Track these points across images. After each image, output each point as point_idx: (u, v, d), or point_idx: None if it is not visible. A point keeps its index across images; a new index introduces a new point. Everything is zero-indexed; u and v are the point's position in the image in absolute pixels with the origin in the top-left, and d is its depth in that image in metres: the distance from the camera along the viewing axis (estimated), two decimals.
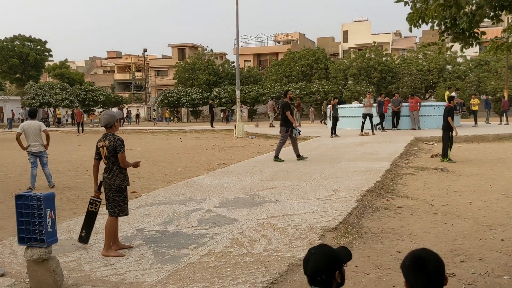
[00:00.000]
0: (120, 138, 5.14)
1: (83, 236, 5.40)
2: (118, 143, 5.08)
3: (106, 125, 5.25)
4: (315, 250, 2.42)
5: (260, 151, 16.26)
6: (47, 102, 42.06)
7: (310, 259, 2.37)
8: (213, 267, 4.65)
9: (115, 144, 5.09)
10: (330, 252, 2.42)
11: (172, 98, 48.13)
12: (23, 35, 51.75)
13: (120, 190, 5.14)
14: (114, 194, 5.14)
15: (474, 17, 3.94)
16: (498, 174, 10.26)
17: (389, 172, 10.24)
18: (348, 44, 59.98)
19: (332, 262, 2.37)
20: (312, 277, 2.34)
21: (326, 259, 2.37)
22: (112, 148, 5.10)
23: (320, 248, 2.45)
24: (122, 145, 5.11)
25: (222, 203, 7.47)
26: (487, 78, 40.60)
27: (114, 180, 5.11)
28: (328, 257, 2.38)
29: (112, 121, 5.25)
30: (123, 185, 5.15)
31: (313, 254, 2.38)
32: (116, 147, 5.08)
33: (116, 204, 5.14)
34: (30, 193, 4.18)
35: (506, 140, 17.53)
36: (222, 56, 65.92)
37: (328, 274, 2.33)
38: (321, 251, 2.41)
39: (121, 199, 5.15)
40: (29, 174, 11.90)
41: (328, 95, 39.58)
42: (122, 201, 5.16)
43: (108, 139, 5.13)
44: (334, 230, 5.89)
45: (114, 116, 5.31)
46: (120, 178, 5.13)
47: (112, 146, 5.10)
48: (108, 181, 5.15)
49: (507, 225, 6.27)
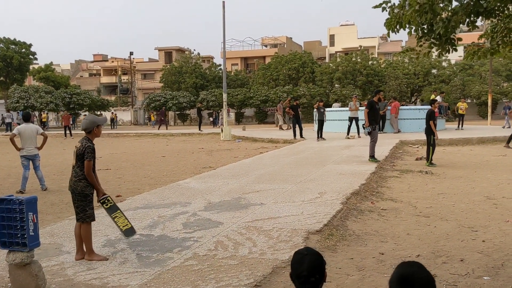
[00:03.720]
0: (90, 146, 5.03)
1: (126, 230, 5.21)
2: (87, 150, 4.99)
3: (85, 130, 5.17)
4: (306, 251, 2.48)
5: (246, 154, 16.27)
6: (32, 106, 41.59)
7: (305, 259, 2.42)
8: (197, 270, 4.65)
9: (84, 150, 5.01)
10: (319, 252, 2.51)
11: (159, 101, 47.97)
12: (7, 38, 51.09)
13: (84, 195, 5.04)
14: (78, 199, 5.06)
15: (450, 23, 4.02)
16: (481, 177, 10.41)
17: (374, 175, 10.32)
18: (335, 48, 60.42)
19: (323, 262, 2.47)
20: (308, 277, 2.38)
21: (319, 258, 2.46)
22: (81, 153, 5.02)
23: (310, 250, 2.53)
24: (90, 153, 5.00)
25: (208, 207, 7.47)
26: (471, 81, 41.18)
27: (77, 185, 5.03)
28: (320, 256, 2.48)
29: (92, 127, 5.15)
30: (86, 192, 5.04)
31: (307, 255, 2.44)
32: (84, 153, 5.01)
33: (81, 210, 5.05)
34: (12, 197, 4.14)
35: (489, 143, 17.79)
36: (209, 60, 65.88)
37: (320, 273, 2.40)
38: (312, 252, 2.48)
39: (85, 204, 5.04)
40: (12, 178, 11.82)
41: (315, 99, 39.80)
42: (87, 206, 5.05)
43: (81, 143, 5.07)
44: (319, 232, 5.93)
45: (95, 121, 5.19)
46: (83, 184, 5.03)
47: (80, 151, 5.02)
48: (72, 184, 5.07)
49: (488, 226, 6.37)
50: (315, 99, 39.29)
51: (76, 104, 46.40)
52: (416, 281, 2.04)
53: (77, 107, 46.84)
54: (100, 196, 5.17)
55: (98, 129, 5.21)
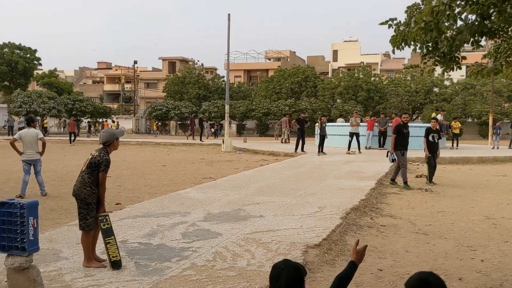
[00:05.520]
0: (108, 159, 5.10)
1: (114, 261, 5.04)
2: (104, 162, 5.06)
3: (105, 143, 5.23)
4: (283, 265, 2.46)
5: (247, 166, 16.28)
6: (34, 111, 41.71)
7: (282, 274, 2.41)
8: (195, 281, 4.64)
9: (100, 161, 5.06)
10: (297, 265, 2.49)
11: (161, 110, 48.10)
12: (12, 43, 51.47)
13: (86, 203, 5.04)
14: (80, 205, 5.07)
15: (454, 42, 4.07)
16: (481, 196, 10.41)
17: (374, 191, 10.33)
18: (338, 63, 60.69)
19: (301, 275, 2.45)
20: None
21: (297, 272, 2.44)
22: (95, 162, 5.07)
23: (287, 263, 2.50)
24: (106, 167, 5.08)
25: (207, 217, 7.46)
26: (472, 101, 41.32)
27: (81, 191, 5.04)
28: (298, 270, 2.46)
29: (112, 139, 5.24)
30: (88, 200, 5.05)
31: (284, 269, 2.43)
32: (100, 165, 5.06)
33: (81, 217, 5.06)
34: (13, 200, 4.15)
35: (489, 163, 17.80)
36: (213, 71, 66.23)
37: (300, 287, 2.40)
38: (290, 265, 2.46)
39: (86, 212, 5.04)
40: (12, 182, 11.82)
41: (316, 113, 39.91)
42: (88, 215, 5.04)
43: (98, 153, 5.11)
44: (317, 246, 5.92)
45: (114, 134, 5.29)
46: (87, 191, 5.04)
47: (96, 161, 5.06)
48: (76, 190, 5.08)
49: (487, 246, 6.36)
50: (316, 113, 39.48)
51: (79, 111, 46.53)
52: (433, 284, 2.25)
53: (80, 114, 46.96)
54: (100, 212, 5.14)
55: (117, 142, 5.32)
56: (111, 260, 4.99)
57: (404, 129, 11.58)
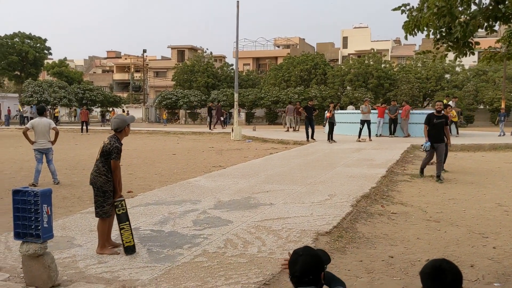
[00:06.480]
0: (118, 146, 5.13)
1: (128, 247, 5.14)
2: (115, 150, 5.11)
3: (116, 129, 5.28)
4: (302, 251, 2.49)
5: (256, 154, 16.30)
6: (45, 100, 41.99)
7: (298, 260, 2.45)
8: (206, 267, 4.69)
9: (111, 149, 5.11)
10: (316, 253, 2.52)
11: (170, 99, 48.17)
12: (23, 33, 51.68)
13: (103, 191, 5.11)
14: (96, 193, 5.14)
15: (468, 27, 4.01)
16: (493, 183, 10.33)
17: (384, 179, 10.29)
18: (348, 50, 60.25)
19: (319, 263, 2.48)
20: (301, 277, 2.41)
21: (314, 260, 2.47)
22: (107, 150, 5.12)
23: (306, 250, 2.54)
24: (117, 153, 5.11)
25: (217, 205, 7.50)
26: (484, 87, 40.79)
27: (97, 180, 5.11)
28: (315, 258, 2.48)
29: (123, 126, 5.28)
30: (104, 188, 5.11)
31: (301, 256, 2.46)
32: (111, 153, 5.11)
33: (98, 205, 5.13)
34: (27, 188, 4.21)
35: (501, 150, 17.63)
36: (221, 59, 66.02)
37: (315, 274, 2.42)
38: (308, 253, 2.49)
39: (103, 199, 5.11)
40: (25, 171, 11.96)
41: (326, 100, 39.71)
42: (105, 202, 5.11)
43: (109, 141, 5.16)
44: (328, 234, 5.93)
45: (125, 121, 5.33)
46: (103, 179, 5.10)
47: (107, 149, 5.12)
48: (93, 178, 5.16)
49: (499, 233, 6.32)
50: (326, 100, 39.27)
51: (89, 100, 46.77)
52: (448, 271, 2.27)
53: (90, 103, 47.21)
54: (116, 197, 5.20)
55: (128, 128, 5.36)
56: (125, 245, 5.06)
57: (435, 119, 10.71)
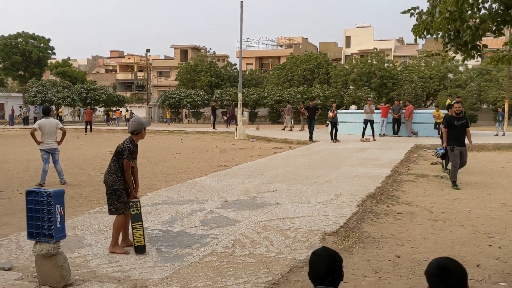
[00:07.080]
0: (130, 147, 5.23)
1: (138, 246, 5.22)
2: (127, 150, 5.21)
3: (133, 132, 5.37)
4: (323, 252, 2.56)
5: (261, 154, 16.35)
6: (49, 100, 42.12)
7: (322, 260, 2.50)
8: (216, 267, 4.74)
9: (124, 149, 5.22)
10: (335, 252, 2.60)
11: (174, 99, 48.28)
12: (26, 32, 51.81)
13: (113, 189, 5.23)
14: (108, 191, 5.28)
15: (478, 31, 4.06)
16: (497, 183, 10.36)
17: (389, 178, 10.33)
18: (351, 50, 60.19)
19: (340, 262, 2.55)
20: (326, 277, 2.47)
21: (336, 259, 2.54)
22: (120, 150, 5.25)
23: (325, 250, 2.60)
24: (129, 154, 5.21)
25: (224, 205, 7.56)
26: (488, 87, 40.76)
27: (108, 178, 5.25)
28: (337, 257, 2.56)
29: (140, 128, 5.37)
30: (115, 186, 5.21)
31: (324, 256, 2.52)
32: (123, 153, 5.22)
33: (110, 202, 5.26)
34: (40, 189, 4.27)
35: (505, 150, 17.64)
36: (224, 58, 66.14)
37: (338, 273, 2.48)
38: (329, 252, 2.56)
39: (114, 197, 5.22)
40: (31, 171, 12.04)
41: (329, 100, 39.72)
42: (116, 200, 5.22)
43: (123, 142, 5.29)
44: (335, 234, 5.98)
45: (142, 123, 5.43)
46: (113, 178, 5.22)
47: (120, 149, 5.25)
48: (105, 177, 5.31)
49: (504, 233, 6.37)
50: (329, 100, 39.28)
51: (93, 100, 46.91)
52: (453, 270, 2.29)
53: (94, 103, 47.34)
54: (131, 198, 5.30)
55: (144, 131, 5.46)
56: (135, 244, 5.15)
57: (455, 121, 10.09)
